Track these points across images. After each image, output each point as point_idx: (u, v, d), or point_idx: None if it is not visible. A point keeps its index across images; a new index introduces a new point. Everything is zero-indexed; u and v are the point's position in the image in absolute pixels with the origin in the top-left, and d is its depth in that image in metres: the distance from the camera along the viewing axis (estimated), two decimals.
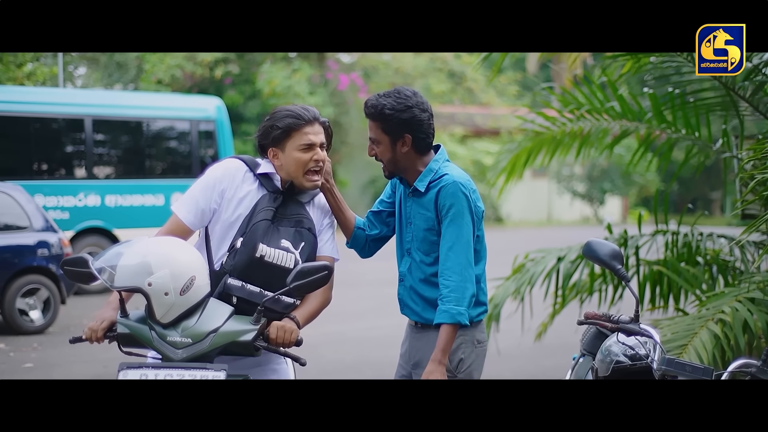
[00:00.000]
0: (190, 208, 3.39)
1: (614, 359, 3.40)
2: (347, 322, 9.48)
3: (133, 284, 3.05)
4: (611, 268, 3.44)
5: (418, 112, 3.54)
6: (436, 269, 3.57)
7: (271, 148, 3.43)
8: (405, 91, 3.57)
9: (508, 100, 27.19)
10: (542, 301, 6.61)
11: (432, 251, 3.59)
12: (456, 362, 3.58)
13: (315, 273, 3.13)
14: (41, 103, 13.30)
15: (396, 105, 3.51)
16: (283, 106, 3.49)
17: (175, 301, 3.07)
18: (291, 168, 3.40)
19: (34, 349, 9.14)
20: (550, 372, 7.11)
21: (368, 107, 3.58)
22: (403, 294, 3.72)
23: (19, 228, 10.01)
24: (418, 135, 3.56)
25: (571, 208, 32.26)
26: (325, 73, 22.81)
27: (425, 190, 3.58)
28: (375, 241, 3.85)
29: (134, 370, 3.03)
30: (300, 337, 3.21)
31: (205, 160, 14.48)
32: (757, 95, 5.42)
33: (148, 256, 3.07)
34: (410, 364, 3.71)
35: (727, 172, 6.24)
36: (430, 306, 3.61)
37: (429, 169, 3.60)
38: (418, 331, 3.69)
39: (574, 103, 6.37)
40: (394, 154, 3.58)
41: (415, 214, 3.63)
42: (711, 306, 4.70)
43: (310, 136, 3.40)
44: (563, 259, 6.17)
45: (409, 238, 3.67)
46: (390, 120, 3.52)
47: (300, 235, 3.39)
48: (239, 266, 3.30)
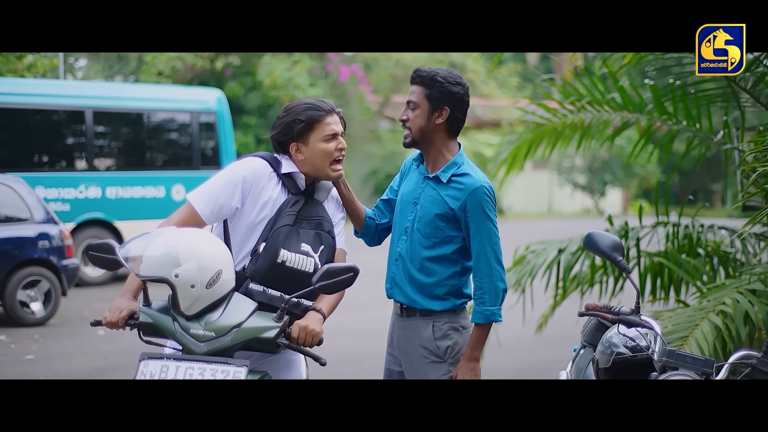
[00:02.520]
0: (208, 202, 3.35)
1: (615, 351, 3.40)
2: (348, 313, 9.46)
3: (159, 274, 3.04)
4: (612, 259, 3.44)
5: (464, 93, 3.66)
6: (433, 254, 3.65)
7: (293, 143, 3.43)
8: (453, 71, 3.67)
9: (508, 91, 27.15)
10: (543, 292, 6.61)
11: (433, 236, 3.64)
12: (444, 348, 3.67)
13: (341, 274, 3.13)
14: (42, 95, 13.27)
15: (449, 76, 3.62)
16: (297, 101, 3.49)
17: (201, 294, 3.06)
18: (317, 160, 3.42)
19: (35, 341, 9.15)
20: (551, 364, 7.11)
21: (420, 72, 3.64)
22: (395, 274, 3.76)
23: (20, 220, 10.01)
24: (455, 113, 3.65)
25: (571, 200, 32.24)
26: (326, 65, 22.77)
27: (446, 181, 3.64)
28: (385, 230, 3.92)
29: (155, 360, 3.02)
30: (322, 336, 3.21)
31: (206, 152, 14.48)
32: (758, 87, 5.41)
33: (175, 248, 3.05)
34: (399, 351, 3.78)
35: (728, 164, 6.24)
36: (419, 290, 3.69)
37: (453, 162, 3.68)
38: (404, 319, 3.76)
39: (575, 94, 6.36)
40: (428, 123, 3.64)
41: (427, 197, 3.67)
42: (712, 298, 4.70)
43: (332, 126, 3.43)
44: (564, 250, 6.17)
45: (410, 218, 3.71)
46: (438, 87, 3.60)
47: (320, 238, 3.41)
48: (261, 272, 3.31)
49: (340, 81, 22.66)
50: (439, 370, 3.66)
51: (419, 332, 3.68)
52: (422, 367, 3.67)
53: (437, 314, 3.67)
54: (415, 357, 3.69)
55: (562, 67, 23.93)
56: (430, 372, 3.66)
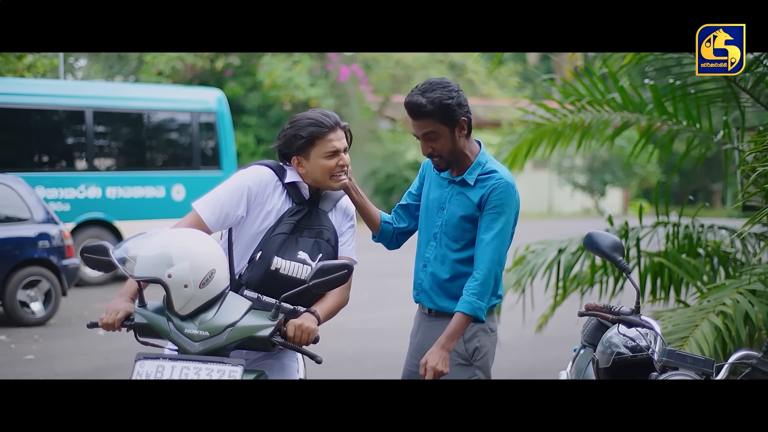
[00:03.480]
0: (214, 210, 3.34)
1: (615, 351, 3.40)
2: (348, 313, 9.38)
3: (152, 275, 3.04)
4: (612, 259, 3.44)
5: (461, 95, 3.58)
6: (461, 257, 3.62)
7: (294, 157, 3.42)
8: (439, 80, 3.57)
9: (508, 91, 27.14)
10: (543, 292, 6.61)
11: (461, 238, 3.62)
12: (472, 350, 3.62)
13: (334, 271, 3.12)
14: (42, 95, 13.27)
15: (448, 94, 3.51)
16: (302, 114, 3.46)
17: (194, 294, 3.06)
18: (317, 174, 3.40)
19: (35, 341, 9.15)
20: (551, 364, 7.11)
21: (422, 106, 3.51)
22: (423, 280, 3.72)
23: (20, 220, 10.01)
24: (469, 116, 3.60)
25: (571, 200, 32.23)
26: (326, 65, 22.78)
27: (473, 183, 3.60)
28: (403, 234, 3.89)
29: (151, 361, 3.02)
30: (317, 334, 3.21)
31: (206, 152, 14.48)
32: (758, 87, 5.41)
33: (168, 248, 3.05)
34: (422, 352, 3.67)
35: (728, 164, 6.24)
36: (447, 295, 3.64)
37: (477, 163, 3.64)
38: (431, 320, 3.71)
39: (575, 94, 6.36)
40: (454, 143, 3.58)
41: (453, 201, 3.65)
42: (712, 298, 4.71)
43: (334, 143, 3.39)
44: (564, 250, 6.17)
45: (438, 223, 3.68)
46: (449, 109, 3.51)
47: (318, 247, 3.40)
48: (254, 279, 3.32)
49: (340, 81, 22.66)
50: (466, 372, 3.61)
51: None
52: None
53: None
54: None
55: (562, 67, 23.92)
56: (456, 374, 3.58)
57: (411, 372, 3.79)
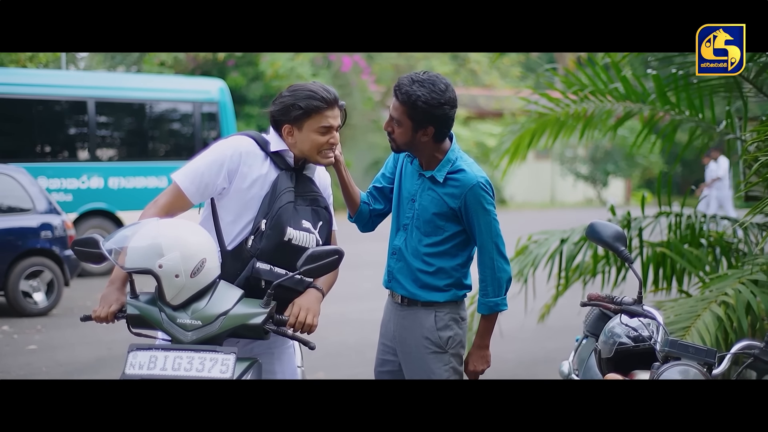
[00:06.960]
0: (193, 180, 3.33)
1: (617, 341, 3.40)
2: (349, 303, 9.47)
3: (143, 266, 3.05)
4: (614, 249, 3.45)
5: (448, 109, 3.54)
6: (433, 251, 3.66)
7: (287, 125, 3.39)
8: (440, 83, 3.53)
9: (511, 81, 27.10)
10: (545, 282, 6.62)
11: (434, 234, 3.65)
12: (446, 339, 3.69)
13: (326, 257, 3.13)
14: (44, 86, 13.26)
15: (430, 99, 3.48)
16: (303, 84, 3.42)
17: (186, 284, 3.07)
18: (305, 147, 3.37)
19: (38, 331, 9.17)
20: (553, 354, 7.12)
21: (401, 92, 3.53)
22: (394, 267, 3.75)
23: (22, 210, 10.01)
24: (441, 128, 3.58)
25: (574, 190, 32.21)
26: (328, 55, 22.74)
27: (443, 180, 3.62)
28: (378, 216, 3.90)
29: (144, 351, 3.04)
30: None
31: (208, 142, 14.43)
32: (761, 77, 5.40)
33: (158, 238, 3.06)
34: (396, 341, 3.76)
35: (731, 154, 6.23)
36: (419, 284, 3.68)
37: (447, 160, 3.65)
38: (404, 309, 3.74)
39: (577, 84, 6.35)
40: (413, 139, 3.60)
41: (425, 196, 3.66)
42: (714, 288, 4.71)
43: (329, 120, 3.38)
44: (566, 240, 6.17)
45: (409, 215, 3.70)
46: (419, 110, 3.50)
47: (317, 215, 3.40)
48: (267, 250, 3.28)
49: (342, 71, 22.62)
50: (441, 360, 3.67)
51: (421, 322, 3.68)
52: (422, 357, 3.67)
53: (439, 305, 3.68)
54: (415, 347, 3.69)
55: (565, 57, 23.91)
56: (431, 362, 3.66)
57: (384, 361, 3.84)
